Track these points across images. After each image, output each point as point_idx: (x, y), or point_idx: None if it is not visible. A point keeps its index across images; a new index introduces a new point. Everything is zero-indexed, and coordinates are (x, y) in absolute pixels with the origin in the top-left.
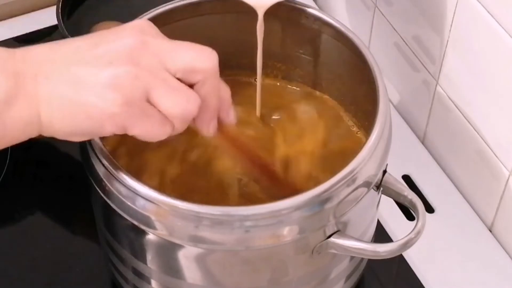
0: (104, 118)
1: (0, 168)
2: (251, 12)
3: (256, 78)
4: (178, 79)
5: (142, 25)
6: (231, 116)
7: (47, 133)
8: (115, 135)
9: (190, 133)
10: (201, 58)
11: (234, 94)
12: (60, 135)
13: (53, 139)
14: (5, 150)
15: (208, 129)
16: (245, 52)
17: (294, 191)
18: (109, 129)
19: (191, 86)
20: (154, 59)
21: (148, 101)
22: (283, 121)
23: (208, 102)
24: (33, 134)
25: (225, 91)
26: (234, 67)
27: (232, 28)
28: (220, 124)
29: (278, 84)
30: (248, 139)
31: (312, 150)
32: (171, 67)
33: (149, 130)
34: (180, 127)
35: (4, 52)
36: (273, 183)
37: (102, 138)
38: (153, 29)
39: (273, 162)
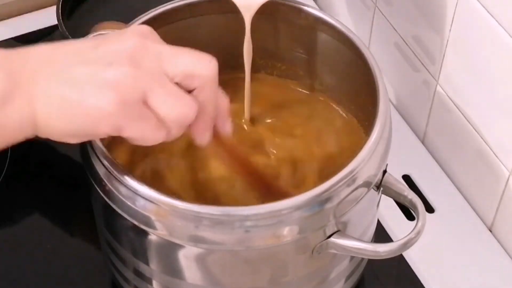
0: (99, 118)
1: (0, 168)
2: None
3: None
4: (177, 83)
5: (143, 29)
6: (227, 127)
7: (42, 133)
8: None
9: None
10: (200, 64)
11: (234, 93)
12: (55, 136)
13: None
14: (5, 150)
15: (203, 137)
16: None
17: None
18: (104, 129)
19: (189, 92)
20: (154, 63)
21: (145, 104)
22: (283, 121)
23: (206, 109)
24: (28, 134)
25: (223, 101)
26: (234, 67)
27: (231, 28)
28: (216, 134)
29: (278, 84)
30: (242, 149)
31: (312, 150)
32: (170, 71)
33: (143, 133)
34: (175, 133)
35: (1, 51)
36: (268, 195)
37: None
38: (153, 34)
39: (269, 174)
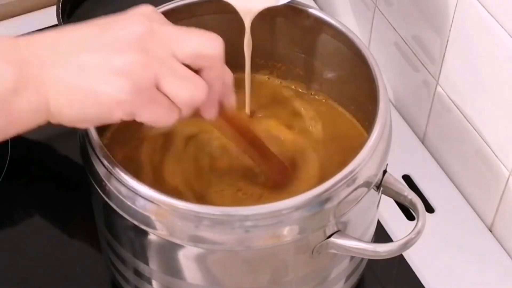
0: (113, 105)
1: (0, 168)
2: None
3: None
4: (186, 65)
5: (148, 11)
6: (231, 99)
7: (55, 120)
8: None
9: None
10: (208, 45)
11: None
12: (68, 122)
13: (53, 139)
14: (5, 150)
15: (210, 112)
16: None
17: (289, 176)
18: (118, 116)
19: (198, 71)
20: (162, 47)
21: (157, 88)
22: (283, 121)
23: (214, 87)
24: (41, 121)
25: (229, 75)
26: (233, 67)
27: (231, 28)
28: (220, 106)
29: (278, 83)
30: (245, 121)
31: (312, 150)
32: (179, 54)
33: (157, 117)
34: (187, 113)
35: (7, 40)
36: (269, 165)
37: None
38: (158, 15)
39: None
